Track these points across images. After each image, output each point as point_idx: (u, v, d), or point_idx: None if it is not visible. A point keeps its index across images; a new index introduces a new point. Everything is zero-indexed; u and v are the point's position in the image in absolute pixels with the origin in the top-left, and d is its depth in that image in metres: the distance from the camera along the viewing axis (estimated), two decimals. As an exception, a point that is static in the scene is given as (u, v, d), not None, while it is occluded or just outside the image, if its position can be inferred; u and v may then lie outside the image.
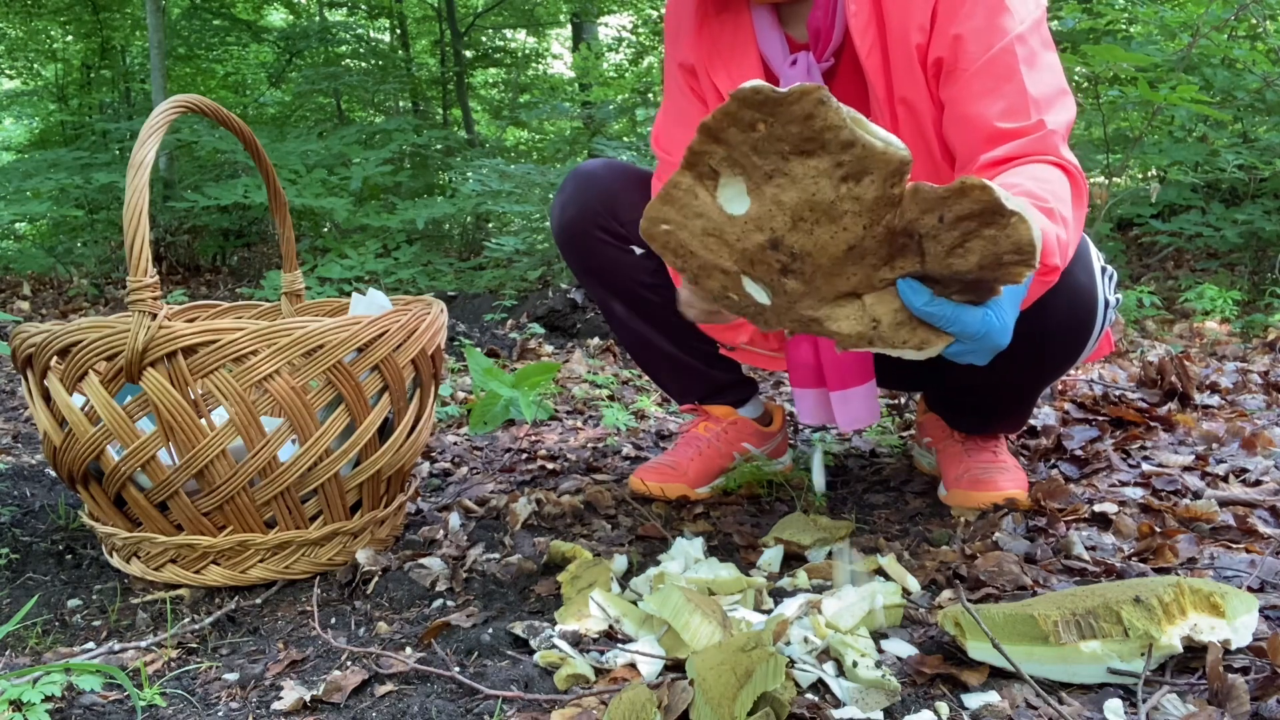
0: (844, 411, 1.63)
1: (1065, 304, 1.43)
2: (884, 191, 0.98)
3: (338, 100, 8.39)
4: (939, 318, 1.04)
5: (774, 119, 0.97)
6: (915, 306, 1.04)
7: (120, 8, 8.15)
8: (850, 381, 1.62)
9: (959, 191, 0.95)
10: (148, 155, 1.26)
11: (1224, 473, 1.73)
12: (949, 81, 1.37)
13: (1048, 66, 1.36)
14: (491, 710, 1.04)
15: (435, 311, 1.50)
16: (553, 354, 3.61)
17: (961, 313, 1.03)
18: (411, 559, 1.46)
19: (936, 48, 1.37)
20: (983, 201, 0.95)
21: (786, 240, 1.04)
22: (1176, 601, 1.04)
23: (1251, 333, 3.60)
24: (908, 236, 1.00)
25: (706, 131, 1.01)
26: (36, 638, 1.28)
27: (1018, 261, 0.97)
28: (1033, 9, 1.38)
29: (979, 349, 1.08)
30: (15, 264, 6.41)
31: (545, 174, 5.20)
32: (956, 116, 1.37)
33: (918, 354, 1.08)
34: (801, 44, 1.50)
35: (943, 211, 0.97)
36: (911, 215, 0.99)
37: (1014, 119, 1.31)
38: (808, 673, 1.05)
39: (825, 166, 0.98)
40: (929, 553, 1.42)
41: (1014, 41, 1.33)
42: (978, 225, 0.97)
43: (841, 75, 1.50)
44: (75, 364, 1.29)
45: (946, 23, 1.35)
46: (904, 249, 1.02)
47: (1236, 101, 4.59)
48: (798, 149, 0.98)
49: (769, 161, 1.00)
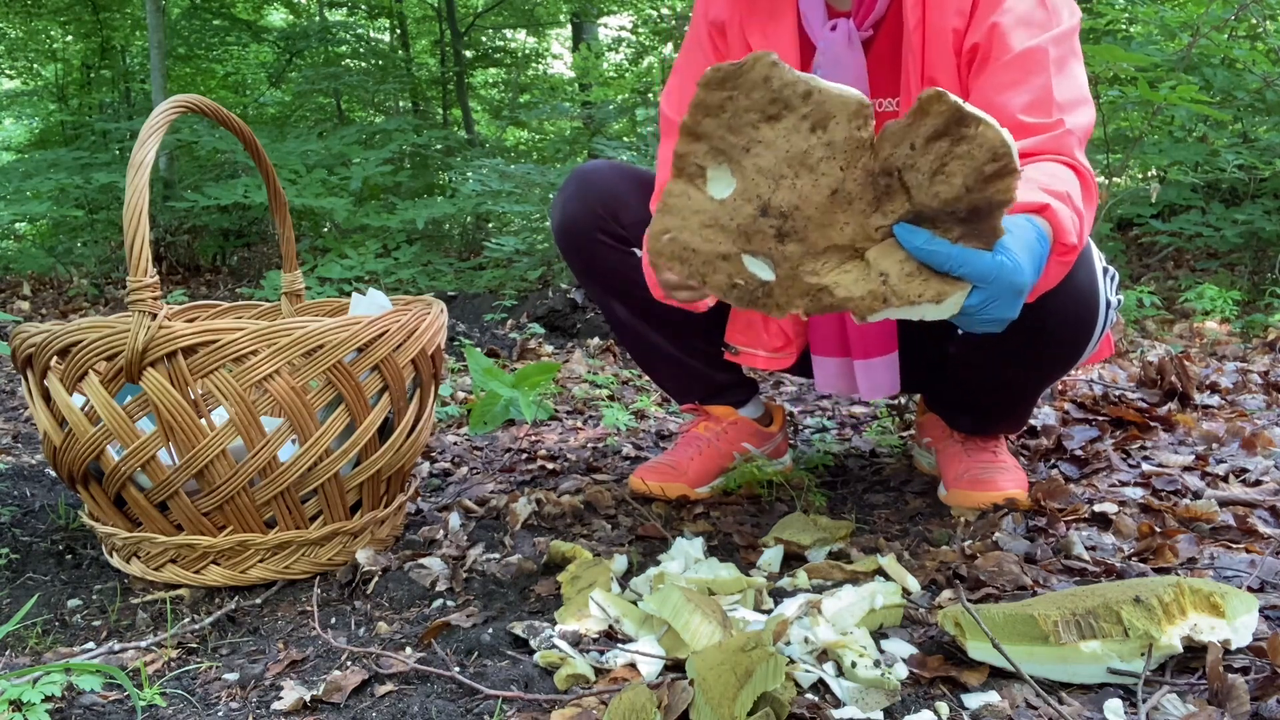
0: (867, 379, 1.65)
1: (1067, 304, 1.43)
2: (850, 133, 1.04)
3: (338, 100, 8.39)
4: (944, 257, 1.05)
5: (737, 90, 1.06)
6: (915, 246, 1.06)
7: (120, 8, 8.15)
8: (874, 351, 1.63)
9: (919, 111, 1.01)
10: (148, 155, 1.26)
11: (1224, 473, 1.73)
12: (980, 70, 1.40)
13: (1075, 74, 1.40)
14: (491, 710, 1.04)
15: (435, 311, 1.50)
16: (553, 354, 3.61)
17: (968, 253, 1.05)
18: (411, 559, 1.46)
19: (974, 34, 1.40)
20: (944, 113, 1.00)
21: (774, 202, 1.10)
22: (1176, 601, 1.04)
23: (1251, 333, 3.60)
24: (888, 176, 1.05)
25: (686, 131, 1.09)
26: (36, 638, 1.28)
27: (999, 171, 1.01)
28: (1067, 16, 1.41)
29: (999, 295, 1.07)
30: (15, 264, 6.41)
31: (545, 174, 5.20)
32: (980, 104, 1.40)
33: (939, 309, 1.09)
34: (841, 11, 1.52)
35: (912, 138, 1.02)
36: (885, 153, 1.04)
37: (1036, 114, 1.34)
38: (808, 673, 1.05)
39: (793, 123, 1.06)
40: (929, 553, 1.42)
41: (1048, 42, 1.37)
42: (948, 144, 1.01)
43: (877, 48, 1.52)
44: (75, 364, 1.29)
45: (987, 11, 1.39)
46: (889, 190, 1.06)
47: (1236, 101, 4.59)
48: (765, 114, 1.06)
49: (743, 136, 1.08)
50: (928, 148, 1.02)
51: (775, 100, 1.05)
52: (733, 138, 1.08)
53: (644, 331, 1.76)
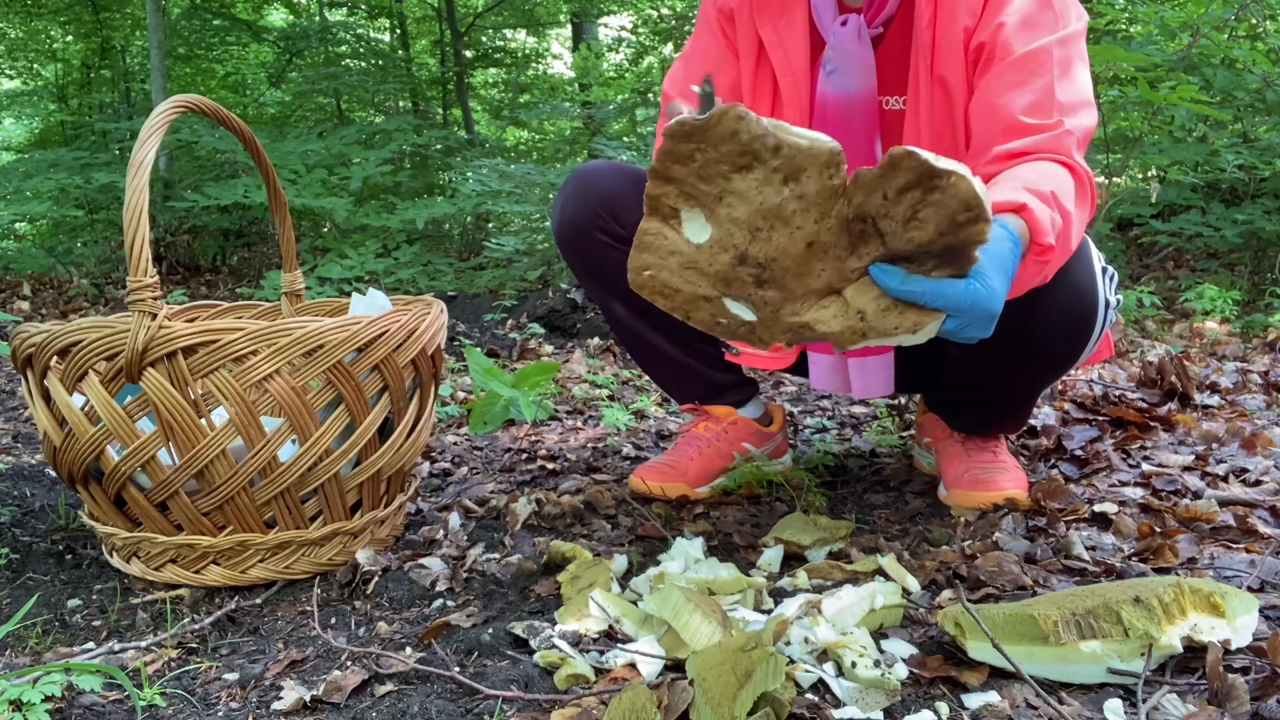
0: (860, 378, 1.65)
1: (1066, 304, 1.43)
2: (823, 184, 1.03)
3: (338, 100, 8.38)
4: (919, 294, 1.06)
5: (705, 143, 1.05)
6: (891, 288, 1.07)
7: (120, 8, 8.15)
8: (870, 350, 1.63)
9: (890, 166, 1.01)
10: (148, 155, 1.26)
11: (1224, 473, 1.73)
12: (984, 69, 1.41)
13: (1079, 76, 1.40)
14: (491, 710, 1.04)
15: (435, 311, 1.50)
16: (553, 354, 3.61)
17: (942, 286, 1.05)
18: (411, 559, 1.46)
19: (981, 33, 1.41)
20: (915, 169, 1.00)
21: (751, 252, 1.10)
22: (1176, 601, 1.04)
23: (1251, 333, 3.60)
24: (862, 222, 1.05)
25: (655, 174, 1.09)
26: (36, 638, 1.28)
27: (971, 219, 1.01)
28: (1074, 19, 1.42)
29: (974, 319, 1.09)
30: (15, 264, 6.41)
31: (545, 174, 5.20)
32: (982, 104, 1.41)
33: (915, 337, 1.10)
34: (853, 7, 1.53)
35: (884, 189, 1.02)
36: (858, 200, 1.04)
37: (1036, 115, 1.35)
38: (808, 673, 1.05)
39: (764, 175, 1.05)
40: (929, 553, 1.42)
41: (1054, 43, 1.38)
42: (921, 193, 1.01)
43: (886, 45, 1.53)
44: (75, 364, 1.29)
45: (995, 11, 1.40)
46: (863, 235, 1.06)
47: (1236, 101, 4.59)
48: (735, 166, 1.05)
49: (715, 185, 1.07)
50: (900, 198, 1.02)
51: (745, 152, 1.04)
52: (704, 186, 1.08)
53: (644, 331, 1.76)
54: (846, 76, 1.51)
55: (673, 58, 7.28)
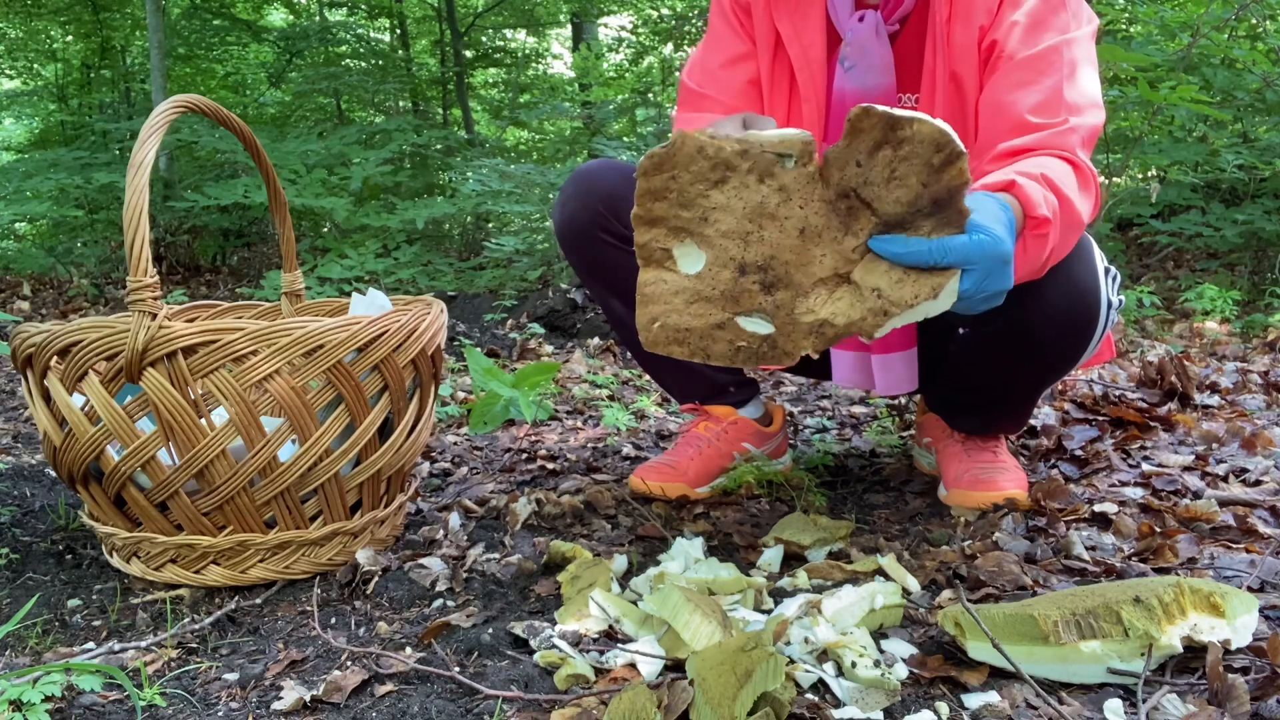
0: (884, 375, 1.66)
1: (1068, 303, 1.43)
2: (798, 171, 1.06)
3: (338, 100, 8.39)
4: (924, 254, 1.07)
5: (676, 168, 1.08)
6: (895, 253, 1.08)
7: (120, 8, 8.15)
8: (893, 346, 1.64)
9: (853, 131, 1.04)
10: (148, 155, 1.26)
11: (1224, 473, 1.73)
12: (994, 67, 1.43)
13: (1087, 77, 1.41)
14: (491, 710, 1.04)
15: (435, 311, 1.50)
16: (553, 354, 3.61)
17: (945, 241, 1.07)
18: (411, 559, 1.46)
19: (994, 31, 1.43)
20: (878, 124, 1.02)
21: (748, 258, 1.11)
22: (1176, 601, 1.04)
23: (1251, 333, 3.60)
24: (846, 197, 1.08)
25: (639, 220, 1.12)
26: (36, 638, 1.28)
27: (946, 159, 1.03)
28: (1085, 21, 1.43)
29: (989, 269, 1.10)
30: (15, 264, 6.41)
31: (545, 174, 5.20)
32: (991, 101, 1.42)
33: (937, 302, 1.11)
34: (869, 4, 1.53)
35: (855, 156, 1.05)
36: (836, 178, 1.06)
37: (1043, 114, 1.36)
38: (808, 673, 1.05)
39: (739, 180, 1.08)
40: (929, 553, 1.42)
41: (1064, 44, 1.39)
42: (892, 150, 1.03)
43: (902, 43, 1.54)
44: (75, 364, 1.29)
45: (1009, 9, 1.42)
46: (852, 211, 1.08)
47: (1236, 101, 4.59)
48: (710, 181, 1.08)
49: (697, 208, 1.10)
50: (872, 159, 1.04)
51: (716, 165, 1.07)
52: (687, 213, 1.10)
53: (644, 331, 1.76)
54: (865, 73, 1.51)
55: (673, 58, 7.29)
